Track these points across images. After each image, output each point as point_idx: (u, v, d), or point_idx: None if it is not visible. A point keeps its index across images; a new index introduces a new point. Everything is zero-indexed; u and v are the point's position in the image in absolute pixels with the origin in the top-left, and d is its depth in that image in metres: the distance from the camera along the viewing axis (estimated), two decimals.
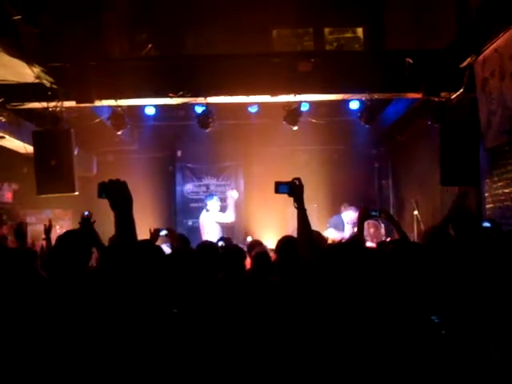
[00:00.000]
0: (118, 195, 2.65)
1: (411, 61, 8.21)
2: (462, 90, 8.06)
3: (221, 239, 7.47)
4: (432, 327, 2.39)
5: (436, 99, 8.49)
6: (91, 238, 4.23)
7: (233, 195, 10.85)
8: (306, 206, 3.43)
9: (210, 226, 10.35)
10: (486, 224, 5.37)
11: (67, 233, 3.33)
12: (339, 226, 10.99)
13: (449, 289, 2.75)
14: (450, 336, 2.48)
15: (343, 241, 5.47)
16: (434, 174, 8.83)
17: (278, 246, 4.45)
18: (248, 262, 5.55)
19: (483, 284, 2.77)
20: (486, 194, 8.28)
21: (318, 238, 5.27)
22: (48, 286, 2.78)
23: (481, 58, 7.49)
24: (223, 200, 13.06)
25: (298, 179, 3.62)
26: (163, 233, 5.61)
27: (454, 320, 2.58)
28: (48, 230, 6.77)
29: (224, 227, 10.55)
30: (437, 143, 8.58)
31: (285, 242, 4.36)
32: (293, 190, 3.61)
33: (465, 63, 7.85)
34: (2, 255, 4.11)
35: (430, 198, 10.36)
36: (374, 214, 4.75)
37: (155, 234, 5.55)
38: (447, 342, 2.43)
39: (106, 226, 10.76)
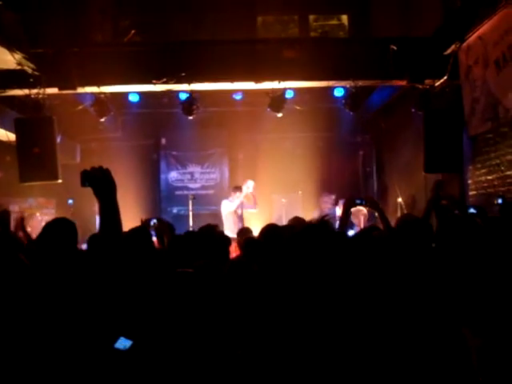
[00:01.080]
0: (101, 183, 2.63)
1: (395, 48, 8.21)
2: (445, 78, 8.09)
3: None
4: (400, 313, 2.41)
5: (420, 86, 8.52)
6: None
7: (249, 186, 10.52)
8: (292, 193, 3.39)
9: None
10: (472, 210, 5.40)
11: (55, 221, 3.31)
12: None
13: (420, 272, 2.76)
14: (420, 319, 2.49)
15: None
16: (418, 161, 8.87)
17: (261, 233, 4.46)
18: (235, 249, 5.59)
19: (460, 266, 2.79)
20: (470, 181, 8.34)
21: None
22: (32, 273, 2.75)
23: (465, 45, 7.51)
24: (208, 188, 13.07)
25: None
26: (152, 222, 5.59)
27: (427, 302, 2.59)
28: (22, 223, 6.60)
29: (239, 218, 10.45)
30: (421, 130, 8.62)
31: (268, 230, 4.37)
32: None
33: (449, 50, 7.87)
34: None
35: (414, 185, 10.40)
36: (358, 202, 4.76)
37: (147, 224, 5.52)
38: (417, 327, 2.44)
39: (89, 214, 10.68)
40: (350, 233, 6.85)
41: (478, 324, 2.58)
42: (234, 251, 5.73)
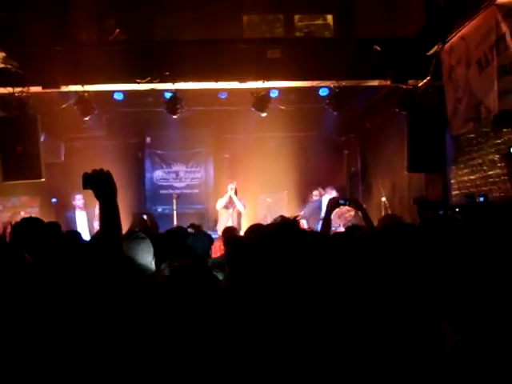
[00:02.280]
0: (102, 185, 2.65)
1: (379, 48, 8.27)
2: (429, 78, 8.16)
3: (191, 226, 7.47)
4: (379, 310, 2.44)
5: (404, 87, 8.58)
6: None
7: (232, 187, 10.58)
8: (277, 192, 3.41)
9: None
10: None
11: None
12: (317, 213, 10.86)
13: (401, 269, 2.79)
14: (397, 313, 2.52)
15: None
16: (402, 160, 8.93)
17: (246, 233, 4.48)
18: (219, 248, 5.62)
19: (441, 262, 2.83)
20: (453, 181, 8.42)
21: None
22: (36, 271, 2.73)
23: (448, 45, 7.58)
24: (192, 187, 13.06)
25: None
26: (144, 217, 5.63)
27: (406, 297, 2.62)
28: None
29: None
30: (404, 130, 8.68)
31: (253, 230, 4.39)
32: None
33: (432, 51, 7.94)
34: None
35: (398, 184, 10.48)
36: (342, 202, 4.80)
37: (139, 218, 5.53)
38: (397, 322, 2.47)
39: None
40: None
41: (457, 320, 2.61)
42: (219, 250, 5.76)
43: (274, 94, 8.99)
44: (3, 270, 2.26)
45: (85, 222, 9.46)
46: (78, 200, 9.52)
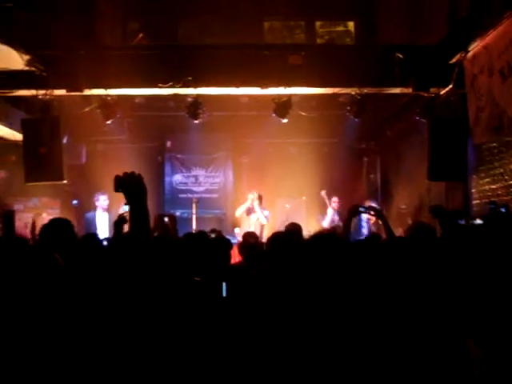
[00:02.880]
0: (134, 188, 2.67)
1: (401, 56, 8.24)
2: (451, 86, 8.12)
3: (212, 231, 7.51)
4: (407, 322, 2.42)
5: (425, 95, 8.54)
6: None
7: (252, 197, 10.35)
8: (295, 198, 3.41)
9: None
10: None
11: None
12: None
13: (429, 280, 2.77)
14: (424, 328, 2.50)
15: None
16: (423, 168, 8.87)
17: (268, 241, 4.49)
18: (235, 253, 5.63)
19: (466, 275, 2.80)
20: (473, 190, 8.35)
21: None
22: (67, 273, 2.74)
23: (470, 54, 7.54)
24: (212, 191, 13.08)
25: None
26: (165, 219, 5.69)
27: (432, 311, 2.60)
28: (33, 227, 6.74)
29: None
30: (425, 138, 8.64)
31: (274, 240, 4.40)
32: None
33: (454, 59, 7.90)
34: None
35: (418, 192, 10.41)
36: (362, 210, 4.79)
37: (161, 220, 5.58)
38: (424, 335, 2.45)
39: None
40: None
41: (482, 335, 2.58)
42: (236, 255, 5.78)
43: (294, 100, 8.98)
44: (38, 275, 2.28)
45: (106, 223, 9.45)
46: (104, 201, 9.48)
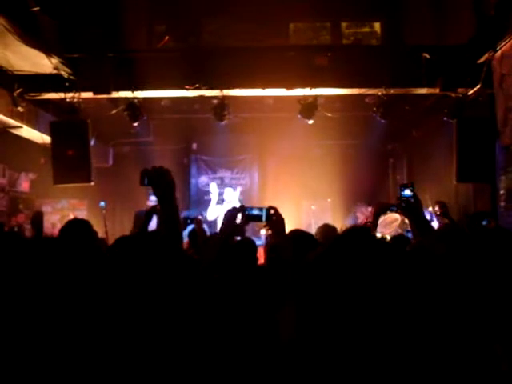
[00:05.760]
0: (160, 182, 2.69)
1: (428, 56, 8.18)
2: (479, 86, 8.02)
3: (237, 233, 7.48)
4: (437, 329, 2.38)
5: (453, 95, 8.46)
6: None
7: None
8: (320, 200, 3.38)
9: None
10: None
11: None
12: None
13: (461, 283, 2.73)
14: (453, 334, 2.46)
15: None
16: (449, 170, 8.79)
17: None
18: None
19: (491, 280, 2.75)
20: (501, 192, 8.25)
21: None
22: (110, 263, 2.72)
23: (499, 54, 7.44)
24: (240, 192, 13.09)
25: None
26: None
27: (464, 315, 2.56)
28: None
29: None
30: (452, 139, 8.55)
31: (295, 235, 4.37)
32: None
33: (482, 59, 7.81)
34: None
35: (445, 194, 10.30)
36: (392, 208, 4.76)
37: (185, 223, 5.59)
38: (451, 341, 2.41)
39: (119, 217, 10.77)
40: None
41: (509, 341, 2.54)
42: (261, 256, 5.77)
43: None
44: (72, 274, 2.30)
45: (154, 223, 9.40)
46: (155, 200, 9.41)
